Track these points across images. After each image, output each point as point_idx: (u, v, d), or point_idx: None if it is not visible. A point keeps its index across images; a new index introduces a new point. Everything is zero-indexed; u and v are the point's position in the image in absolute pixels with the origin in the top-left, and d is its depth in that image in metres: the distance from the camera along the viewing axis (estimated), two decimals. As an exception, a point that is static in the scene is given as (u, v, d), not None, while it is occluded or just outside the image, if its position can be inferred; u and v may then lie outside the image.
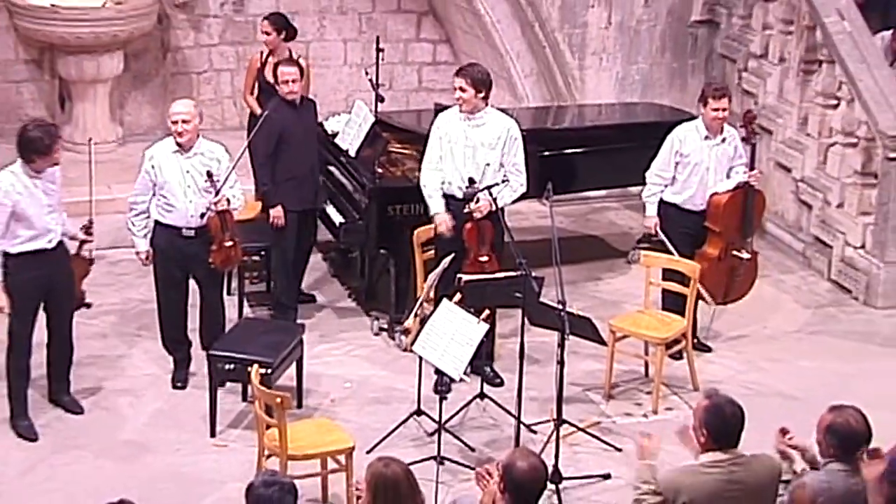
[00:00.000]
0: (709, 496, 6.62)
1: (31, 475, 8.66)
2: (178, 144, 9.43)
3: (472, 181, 9.46)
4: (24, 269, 8.90)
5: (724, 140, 10.08)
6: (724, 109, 9.98)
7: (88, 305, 9.75)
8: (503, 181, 9.54)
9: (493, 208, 9.34)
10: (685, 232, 10.10)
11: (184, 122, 9.38)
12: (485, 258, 9.47)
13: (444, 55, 13.99)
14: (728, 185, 10.08)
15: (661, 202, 10.23)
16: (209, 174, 9.36)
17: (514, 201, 9.83)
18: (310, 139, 10.40)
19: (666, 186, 10.11)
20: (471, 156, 9.60)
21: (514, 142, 9.64)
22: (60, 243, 9.11)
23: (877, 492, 6.18)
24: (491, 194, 9.30)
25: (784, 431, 7.11)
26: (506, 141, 9.61)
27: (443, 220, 9.66)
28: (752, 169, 10.10)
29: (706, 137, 10.03)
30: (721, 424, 6.66)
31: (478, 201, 9.41)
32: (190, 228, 9.44)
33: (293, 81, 10.22)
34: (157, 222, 9.55)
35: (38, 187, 8.90)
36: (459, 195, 9.59)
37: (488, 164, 9.53)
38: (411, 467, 6.40)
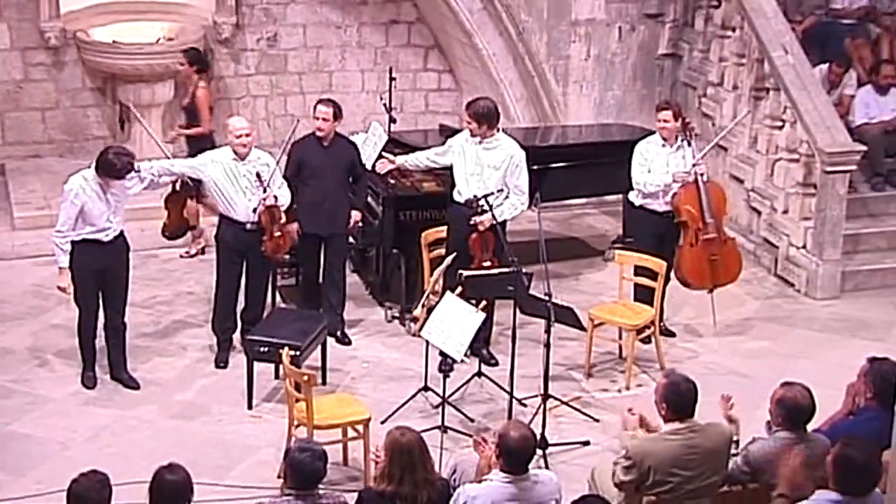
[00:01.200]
0: (671, 459, 6.65)
1: (97, 441, 8.66)
2: (236, 153, 9.47)
3: (475, 197, 9.40)
4: (81, 255, 9.01)
5: (678, 147, 10.05)
6: (665, 120, 9.95)
7: (194, 227, 10.34)
8: (504, 197, 9.52)
9: (494, 221, 9.31)
10: (652, 233, 10.07)
11: (247, 135, 9.48)
12: (487, 264, 9.39)
13: (447, 83, 13.96)
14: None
15: (629, 205, 10.22)
16: (258, 175, 9.40)
17: (513, 217, 9.78)
18: (332, 174, 9.86)
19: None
20: (478, 173, 9.58)
21: (517, 167, 9.59)
22: (117, 237, 9.15)
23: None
24: (488, 203, 9.27)
25: (726, 398, 7.13)
26: (509, 166, 9.57)
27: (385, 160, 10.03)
28: (694, 161, 10.04)
29: (663, 145, 10.02)
30: (678, 398, 6.71)
31: (482, 214, 9.37)
32: (251, 223, 9.48)
33: (323, 120, 9.84)
34: (224, 219, 9.56)
35: (104, 194, 8.97)
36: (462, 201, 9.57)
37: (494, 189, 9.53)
38: (420, 436, 6.43)
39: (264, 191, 9.41)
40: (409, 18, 13.67)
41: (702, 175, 9.95)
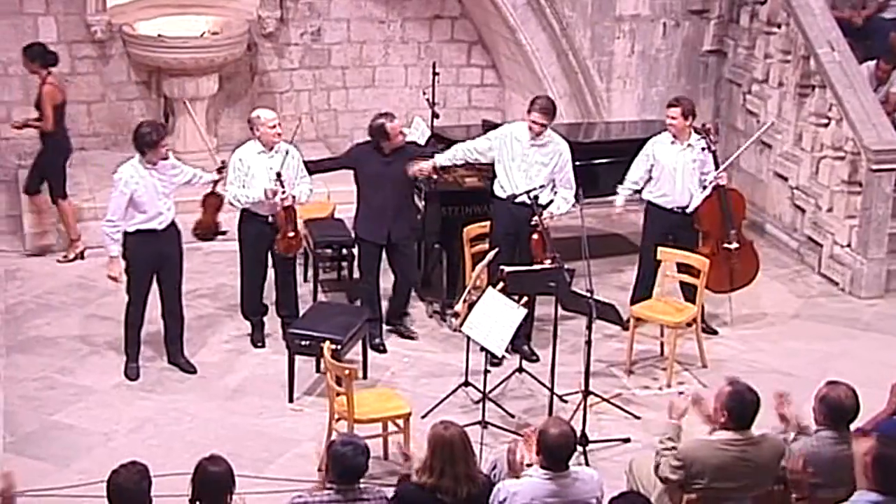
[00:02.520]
0: (720, 469, 6.61)
1: (139, 432, 8.72)
2: (265, 144, 9.50)
3: (527, 193, 9.37)
4: (138, 245, 9.08)
5: (689, 146, 10.00)
6: (672, 118, 9.92)
7: (224, 233, 10.08)
8: (552, 191, 9.53)
9: (552, 216, 9.35)
10: (665, 233, 10.06)
11: (279, 125, 9.51)
12: (549, 262, 9.33)
13: (490, 78, 13.94)
14: (706, 193, 10.02)
15: (647, 202, 10.19)
16: (278, 175, 9.38)
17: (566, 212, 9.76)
18: (392, 184, 9.64)
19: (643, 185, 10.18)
20: (525, 169, 9.58)
21: (567, 163, 9.66)
22: (170, 225, 9.22)
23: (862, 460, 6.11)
24: (537, 200, 9.26)
25: (780, 395, 7.04)
26: (558, 162, 9.61)
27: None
28: (717, 169, 10.02)
29: (672, 143, 9.99)
30: (740, 409, 6.63)
31: (541, 214, 9.32)
32: (273, 216, 9.51)
33: (401, 133, 9.76)
34: (246, 213, 9.58)
35: (153, 177, 9.07)
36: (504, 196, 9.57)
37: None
38: (459, 431, 6.43)
39: (283, 191, 9.38)
40: (452, 14, 13.66)
41: (723, 186, 9.96)
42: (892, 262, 11.28)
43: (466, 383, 9.11)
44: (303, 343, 9.06)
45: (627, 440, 8.73)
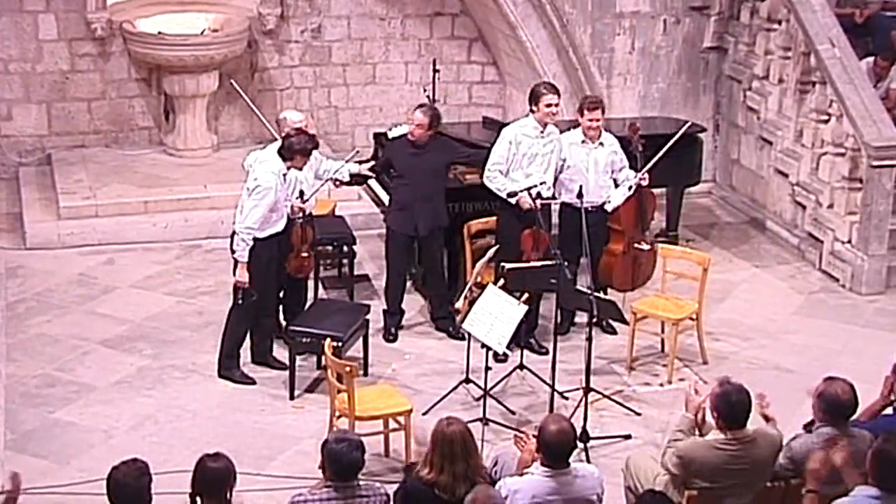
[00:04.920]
0: (718, 468, 6.64)
1: (140, 429, 8.71)
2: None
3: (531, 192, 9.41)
4: (266, 249, 9.08)
5: (601, 144, 9.94)
6: (597, 120, 9.82)
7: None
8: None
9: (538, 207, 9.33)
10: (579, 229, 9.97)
11: (307, 126, 9.48)
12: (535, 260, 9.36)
13: (490, 75, 13.94)
14: (623, 191, 9.92)
15: (562, 204, 9.90)
16: (301, 193, 9.32)
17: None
18: (422, 176, 9.72)
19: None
20: (540, 163, 9.64)
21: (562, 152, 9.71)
22: (287, 223, 9.30)
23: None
24: (539, 195, 9.27)
25: (760, 396, 7.07)
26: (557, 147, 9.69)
27: (524, 199, 9.50)
28: (639, 172, 9.92)
29: (583, 142, 9.89)
30: (728, 409, 6.66)
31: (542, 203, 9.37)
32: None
33: (417, 126, 9.71)
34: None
35: (286, 182, 9.13)
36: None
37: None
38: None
39: (302, 210, 9.33)
40: (452, 10, 13.66)
41: (643, 187, 9.91)
42: (892, 259, 11.27)
43: (467, 380, 9.11)
44: (304, 340, 9.06)
45: (628, 437, 8.73)
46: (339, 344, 8.77)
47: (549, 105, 9.54)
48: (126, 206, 11.81)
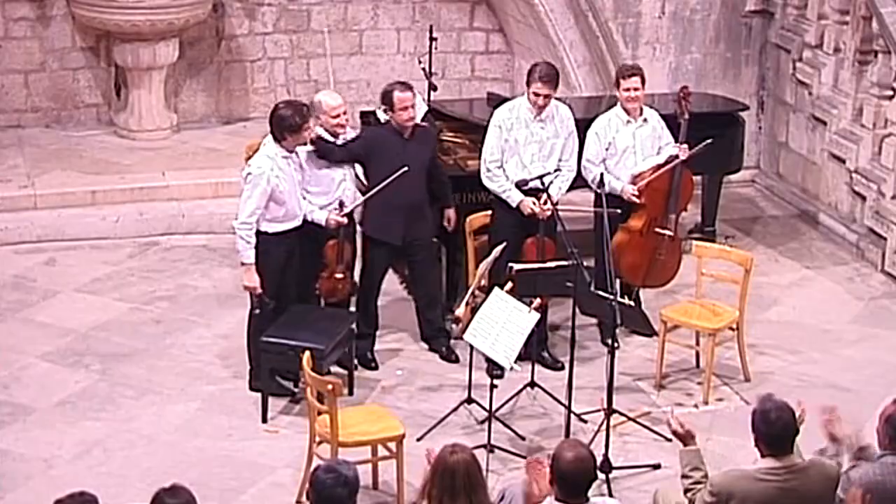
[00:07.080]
0: (759, 503, 6.60)
1: (86, 458, 8.72)
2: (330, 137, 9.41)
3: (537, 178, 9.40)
4: (276, 247, 9.11)
5: (645, 121, 10.01)
6: (635, 89, 9.91)
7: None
8: (556, 171, 9.55)
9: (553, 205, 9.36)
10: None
11: (344, 112, 9.45)
12: None
13: (496, 44, 13.97)
14: (658, 159, 9.98)
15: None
16: (340, 204, 9.33)
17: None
18: (412, 172, 9.39)
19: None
20: (536, 151, 9.64)
21: (571, 134, 9.74)
22: (304, 223, 9.28)
23: None
24: (543, 184, 9.27)
25: (828, 409, 7.02)
26: (566, 132, 9.70)
27: (526, 203, 9.55)
28: (680, 143, 9.99)
29: (627, 122, 9.98)
30: (768, 431, 6.62)
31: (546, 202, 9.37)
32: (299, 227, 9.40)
33: (411, 107, 9.48)
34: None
35: (290, 166, 9.12)
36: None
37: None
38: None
39: (340, 224, 9.31)
40: (452, -33, 13.72)
41: (683, 161, 9.93)
42: (967, 259, 11.32)
43: (469, 400, 9.12)
44: (278, 353, 9.05)
45: (657, 466, 8.74)
46: (321, 358, 8.76)
47: (536, 94, 9.54)
48: (70, 197, 11.83)
